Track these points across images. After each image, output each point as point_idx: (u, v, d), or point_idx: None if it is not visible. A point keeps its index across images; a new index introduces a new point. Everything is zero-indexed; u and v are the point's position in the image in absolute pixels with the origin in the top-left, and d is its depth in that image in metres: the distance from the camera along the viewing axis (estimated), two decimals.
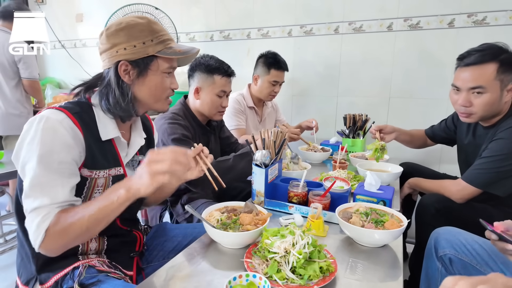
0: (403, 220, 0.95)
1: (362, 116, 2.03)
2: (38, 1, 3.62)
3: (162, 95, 0.94)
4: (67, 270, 0.85)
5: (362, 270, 0.82)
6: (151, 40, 0.87)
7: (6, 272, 2.00)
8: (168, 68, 0.91)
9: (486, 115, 1.36)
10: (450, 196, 1.38)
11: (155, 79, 0.90)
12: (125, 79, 0.88)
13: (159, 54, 0.87)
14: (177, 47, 0.91)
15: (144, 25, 0.87)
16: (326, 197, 1.10)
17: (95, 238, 0.92)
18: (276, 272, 0.73)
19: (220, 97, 1.49)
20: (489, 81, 1.29)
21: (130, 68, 0.87)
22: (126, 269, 0.96)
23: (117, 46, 0.86)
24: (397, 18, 2.14)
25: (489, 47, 1.31)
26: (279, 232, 0.81)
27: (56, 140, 0.78)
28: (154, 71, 0.89)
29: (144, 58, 0.87)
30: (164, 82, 0.92)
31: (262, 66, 2.08)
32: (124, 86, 0.88)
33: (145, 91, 0.91)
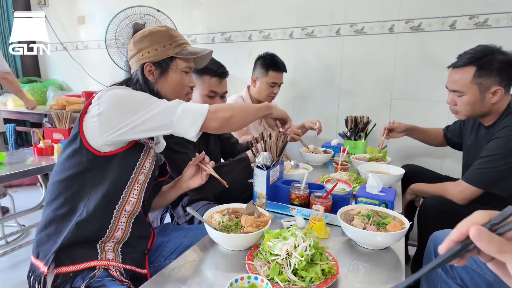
0: (405, 222, 0.95)
1: (364, 118, 2.03)
2: (40, 3, 3.64)
3: (182, 92, 1.07)
4: (84, 267, 0.87)
5: (364, 273, 0.81)
6: (170, 44, 1.01)
7: (8, 273, 2.00)
8: (185, 67, 1.05)
9: (470, 114, 1.42)
10: (452, 197, 1.38)
11: (175, 77, 1.04)
12: (150, 78, 1.02)
13: (177, 55, 1.02)
14: (192, 49, 1.05)
15: (164, 32, 1.02)
16: (328, 199, 1.09)
17: (122, 227, 0.96)
18: (278, 274, 0.73)
19: (211, 97, 1.47)
20: (465, 85, 1.36)
21: (153, 69, 1.02)
22: (139, 267, 0.98)
23: (142, 50, 1.01)
24: (398, 20, 2.14)
25: (477, 50, 1.35)
26: (281, 234, 0.81)
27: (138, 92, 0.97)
28: (174, 70, 1.03)
29: (165, 59, 1.01)
30: (183, 79, 1.05)
31: (260, 68, 2.07)
32: (150, 84, 1.02)
33: (167, 88, 1.04)
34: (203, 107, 0.92)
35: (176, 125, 0.89)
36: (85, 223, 0.89)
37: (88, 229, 0.90)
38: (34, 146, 1.92)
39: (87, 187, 0.91)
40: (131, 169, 0.95)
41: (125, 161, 0.94)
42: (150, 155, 1.00)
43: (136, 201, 0.97)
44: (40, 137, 1.95)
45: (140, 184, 0.97)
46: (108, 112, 0.88)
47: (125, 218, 0.96)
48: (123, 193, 0.94)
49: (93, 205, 0.90)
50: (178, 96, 1.04)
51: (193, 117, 0.90)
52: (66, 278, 0.86)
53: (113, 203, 0.93)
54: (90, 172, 0.91)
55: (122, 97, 0.90)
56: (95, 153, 0.90)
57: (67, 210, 0.91)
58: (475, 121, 1.56)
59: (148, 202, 1.09)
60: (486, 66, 1.31)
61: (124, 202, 0.94)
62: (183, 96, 1.07)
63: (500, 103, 1.37)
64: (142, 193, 0.98)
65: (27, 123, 3.61)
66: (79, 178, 0.91)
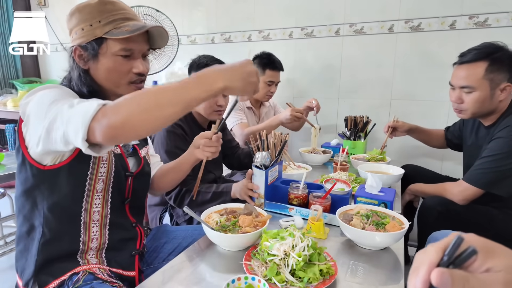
0: (404, 222, 0.94)
1: (363, 118, 2.03)
2: (40, 4, 3.64)
3: (120, 80, 0.87)
4: (66, 276, 0.84)
5: (363, 273, 0.81)
6: (99, 21, 0.82)
7: (6, 274, 2.00)
8: (120, 50, 0.84)
9: (477, 112, 1.38)
10: (452, 198, 1.37)
11: (107, 62, 0.85)
12: (81, 64, 0.86)
13: (106, 35, 0.82)
14: (129, 27, 0.83)
15: (93, 6, 0.83)
16: (327, 199, 1.09)
17: (96, 236, 0.90)
18: (276, 274, 0.72)
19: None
20: (477, 81, 1.32)
21: (83, 53, 0.84)
22: (127, 270, 0.95)
23: (71, 31, 0.85)
24: (398, 20, 2.14)
25: (485, 46, 1.33)
26: (279, 234, 0.80)
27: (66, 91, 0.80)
28: (103, 54, 0.84)
29: (93, 41, 0.82)
30: (118, 65, 0.85)
31: (257, 67, 2.06)
32: (82, 72, 0.86)
33: (100, 76, 0.87)
34: (89, 107, 0.65)
35: (67, 137, 0.68)
36: (53, 242, 0.85)
37: (59, 246, 0.86)
38: None
39: (38, 205, 0.84)
40: (84, 181, 0.85)
41: (74, 174, 0.83)
42: (104, 158, 0.88)
43: (101, 210, 0.90)
44: None
45: (100, 192, 0.89)
46: (27, 121, 0.76)
47: (97, 227, 0.90)
48: (82, 206, 0.86)
49: (53, 222, 0.84)
50: (116, 85, 0.88)
51: (74, 124, 0.66)
52: None
53: (75, 216, 0.86)
54: (37, 189, 0.83)
55: (37, 100, 0.75)
56: (39, 167, 0.80)
57: (27, 228, 0.86)
58: (474, 121, 1.55)
59: (137, 196, 1.00)
60: (498, 61, 1.28)
61: (88, 213, 0.88)
62: (124, 85, 0.88)
63: (504, 103, 1.36)
64: (107, 199, 0.91)
65: None
66: (29, 196, 0.84)
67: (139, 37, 0.86)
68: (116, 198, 0.93)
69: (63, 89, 0.81)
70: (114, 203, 0.93)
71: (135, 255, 0.99)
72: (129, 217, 0.99)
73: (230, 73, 0.72)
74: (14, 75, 3.86)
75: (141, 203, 1.07)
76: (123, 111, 0.64)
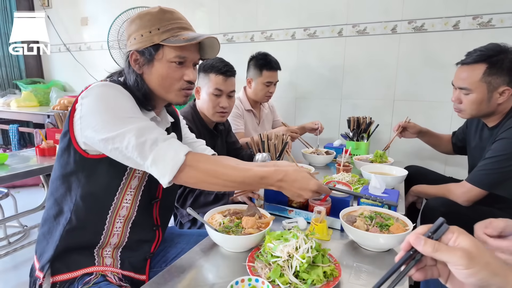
0: (408, 224, 0.94)
1: (366, 119, 2.02)
2: (44, 5, 3.66)
3: (172, 86, 0.92)
4: (79, 274, 0.86)
5: (366, 275, 0.80)
6: (158, 29, 0.86)
7: (10, 274, 2.00)
8: (175, 57, 0.88)
9: (475, 113, 1.40)
10: (456, 199, 1.37)
11: (161, 68, 0.89)
12: (135, 69, 0.90)
13: (163, 42, 0.86)
14: (189, 35, 0.87)
15: (153, 14, 0.87)
16: (327, 201, 1.07)
17: (118, 232, 0.93)
18: (279, 276, 0.72)
19: (216, 96, 1.46)
20: (474, 83, 1.33)
21: (139, 58, 0.89)
22: (138, 273, 0.97)
23: (130, 37, 0.89)
24: (401, 20, 2.13)
25: (488, 48, 1.32)
26: (282, 235, 0.80)
27: (129, 98, 0.85)
28: (159, 60, 0.89)
29: (150, 47, 0.87)
30: (171, 72, 0.90)
31: (254, 69, 2.06)
32: (136, 75, 0.90)
33: (153, 81, 0.91)
34: (178, 155, 0.77)
35: (147, 170, 0.79)
36: (77, 231, 0.87)
37: (82, 236, 0.88)
38: (36, 146, 1.92)
39: (72, 191, 0.86)
40: (121, 175, 0.88)
41: (114, 166, 0.85)
42: None
43: (130, 206, 0.92)
44: (42, 137, 1.96)
45: (133, 189, 0.91)
46: (86, 118, 0.80)
47: (120, 223, 0.92)
48: (114, 199, 0.89)
49: (82, 211, 0.86)
50: (167, 91, 0.92)
51: (162, 167, 0.76)
52: (62, 285, 0.86)
53: (104, 209, 0.89)
54: (75, 175, 0.85)
55: (103, 102, 0.80)
56: (83, 155, 0.84)
57: (56, 212, 0.89)
58: (478, 123, 1.54)
59: (166, 196, 1.02)
60: (497, 65, 1.28)
61: (117, 207, 0.90)
62: (175, 91, 0.92)
63: (506, 104, 1.35)
64: (137, 197, 0.93)
65: (30, 123, 3.63)
66: (65, 181, 0.87)
67: (192, 46, 0.90)
68: (146, 196, 0.95)
69: (122, 91, 0.85)
70: (143, 201, 0.95)
71: (147, 259, 1.00)
72: (154, 218, 1.00)
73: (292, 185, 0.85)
74: (18, 76, 3.88)
75: (170, 203, 1.08)
76: (201, 168, 0.79)
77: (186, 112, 1.51)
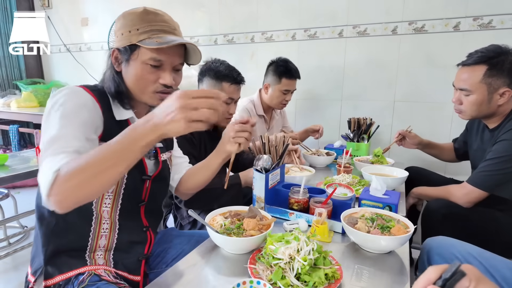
0: (409, 226, 0.94)
1: (367, 120, 2.02)
2: (44, 6, 3.66)
3: (146, 88, 0.90)
4: (72, 274, 0.85)
5: (368, 277, 0.80)
6: (137, 29, 0.86)
7: (10, 275, 2.00)
8: (149, 59, 0.86)
9: (475, 115, 1.40)
10: (457, 200, 1.37)
11: (135, 68, 0.88)
12: (115, 66, 0.91)
13: (139, 43, 0.85)
14: (161, 39, 0.85)
15: (136, 14, 0.87)
16: (328, 204, 1.07)
17: (105, 233, 0.91)
18: (281, 278, 0.72)
19: (227, 104, 1.46)
20: (474, 84, 1.33)
21: (119, 56, 0.90)
22: (132, 274, 0.96)
23: (115, 34, 0.91)
24: (401, 21, 2.13)
25: (489, 50, 1.32)
26: (284, 237, 0.80)
27: (80, 101, 0.81)
28: (134, 60, 0.88)
29: (128, 47, 0.87)
30: (145, 73, 0.88)
31: (272, 75, 2.02)
32: (115, 72, 0.91)
33: (129, 80, 0.90)
34: (48, 172, 0.66)
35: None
36: (62, 233, 0.87)
37: (68, 239, 0.88)
38: (36, 147, 1.91)
39: None
40: None
41: None
42: None
43: (111, 210, 0.91)
44: None
45: (111, 193, 0.90)
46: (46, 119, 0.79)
47: (107, 225, 0.92)
48: (93, 203, 0.88)
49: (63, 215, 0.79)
50: (141, 92, 0.90)
51: (42, 184, 0.67)
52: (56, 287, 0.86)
53: (87, 212, 0.88)
54: None
55: (49, 108, 0.79)
56: None
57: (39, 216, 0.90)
58: (479, 125, 1.54)
59: (154, 199, 1.01)
60: (497, 66, 1.28)
61: (98, 210, 0.89)
62: (149, 93, 0.90)
63: (506, 105, 1.35)
64: (117, 200, 0.91)
65: (30, 124, 3.62)
66: None
67: (171, 49, 0.88)
68: (129, 200, 0.93)
69: (72, 100, 0.80)
70: (126, 205, 0.93)
71: (141, 260, 0.99)
72: (142, 220, 0.99)
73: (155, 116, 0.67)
74: (18, 76, 3.88)
75: (157, 206, 1.07)
76: (70, 187, 0.65)
77: None
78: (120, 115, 0.91)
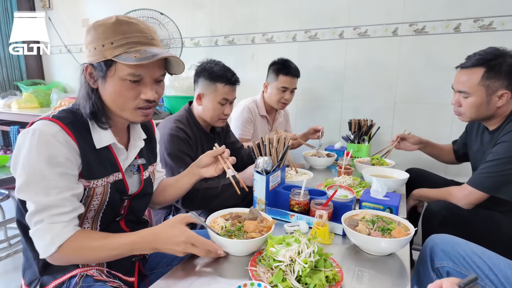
0: (410, 228, 0.94)
1: (367, 121, 2.02)
2: (45, 7, 3.66)
3: (126, 104, 0.84)
4: (65, 278, 0.85)
5: (368, 279, 0.80)
6: (111, 43, 0.79)
7: (11, 276, 2.01)
8: (128, 75, 0.80)
9: (475, 117, 1.41)
10: (457, 202, 1.37)
11: (114, 85, 0.82)
12: (90, 83, 0.84)
13: (115, 58, 0.79)
14: (139, 53, 0.79)
15: (108, 26, 0.80)
16: (329, 206, 1.06)
17: None
18: (282, 281, 0.72)
19: (222, 104, 1.46)
20: (473, 87, 1.34)
21: (93, 72, 0.83)
22: (127, 275, 0.96)
23: (87, 47, 0.83)
24: (402, 23, 2.14)
25: (487, 52, 1.33)
26: (284, 240, 0.80)
27: (54, 152, 0.76)
28: (111, 77, 0.81)
29: (102, 62, 0.80)
30: (125, 90, 0.82)
31: (271, 73, 2.05)
32: (90, 90, 0.84)
33: (107, 98, 0.85)
34: (49, 245, 0.76)
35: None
36: None
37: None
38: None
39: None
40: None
41: None
42: (98, 193, 0.86)
43: (91, 225, 0.90)
44: None
45: (91, 218, 0.89)
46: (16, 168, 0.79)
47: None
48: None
49: None
50: (122, 109, 0.85)
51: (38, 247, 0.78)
52: None
53: None
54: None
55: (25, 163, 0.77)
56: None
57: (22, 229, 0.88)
58: (478, 127, 1.55)
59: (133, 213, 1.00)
60: (495, 69, 1.29)
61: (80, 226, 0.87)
62: (130, 110, 0.85)
63: (505, 107, 1.36)
64: (97, 221, 0.91)
65: None
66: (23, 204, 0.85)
67: (150, 63, 0.81)
68: (107, 216, 0.92)
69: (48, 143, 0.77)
70: (105, 221, 0.92)
71: (135, 262, 0.99)
72: (124, 230, 0.97)
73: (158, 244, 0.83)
74: (19, 77, 3.88)
75: (139, 217, 1.06)
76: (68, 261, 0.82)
77: (180, 116, 1.49)
78: (100, 141, 0.86)
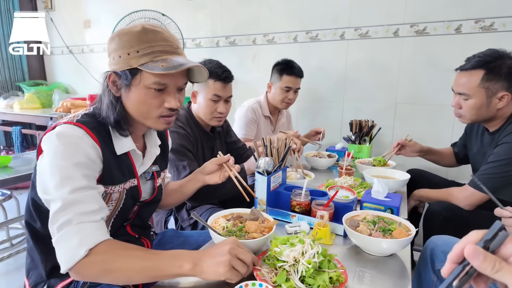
0: (411, 228, 0.94)
1: (368, 122, 2.03)
2: (47, 7, 3.68)
3: (149, 113, 0.85)
4: (70, 280, 0.86)
5: (369, 280, 0.81)
6: (137, 51, 0.79)
7: (13, 276, 2.01)
8: (153, 84, 0.81)
9: (475, 119, 1.41)
10: (458, 203, 1.37)
11: (138, 93, 0.82)
12: (113, 91, 0.84)
13: (141, 67, 0.79)
14: (166, 62, 0.80)
15: (134, 34, 0.80)
16: (330, 206, 1.07)
17: None
18: (285, 281, 0.72)
19: (214, 101, 1.46)
20: (472, 89, 1.34)
21: (117, 80, 0.83)
22: None
23: (110, 55, 0.84)
24: (403, 24, 2.14)
25: (486, 54, 1.33)
26: (288, 240, 0.80)
27: (80, 154, 0.76)
28: (136, 86, 0.82)
29: (127, 71, 0.80)
30: (149, 98, 0.83)
31: (275, 73, 2.07)
32: (113, 98, 0.84)
33: (130, 106, 0.85)
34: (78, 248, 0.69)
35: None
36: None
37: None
38: None
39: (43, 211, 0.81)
40: None
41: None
42: (113, 199, 0.86)
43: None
44: None
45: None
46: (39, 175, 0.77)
47: None
48: None
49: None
50: (145, 118, 0.86)
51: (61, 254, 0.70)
52: None
53: None
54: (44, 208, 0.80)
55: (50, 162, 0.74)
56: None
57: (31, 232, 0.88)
58: (478, 128, 1.55)
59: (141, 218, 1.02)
60: (495, 71, 1.29)
61: None
62: (153, 118, 0.86)
63: (506, 109, 1.36)
64: (107, 227, 0.89)
65: (32, 125, 3.64)
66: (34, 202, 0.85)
67: (176, 72, 0.82)
68: (117, 222, 0.93)
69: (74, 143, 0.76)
70: (114, 227, 0.93)
71: None
72: (130, 234, 0.99)
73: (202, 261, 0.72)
74: (21, 78, 3.90)
75: (145, 222, 1.06)
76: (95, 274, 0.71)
77: (180, 115, 1.49)
78: (121, 147, 0.86)
